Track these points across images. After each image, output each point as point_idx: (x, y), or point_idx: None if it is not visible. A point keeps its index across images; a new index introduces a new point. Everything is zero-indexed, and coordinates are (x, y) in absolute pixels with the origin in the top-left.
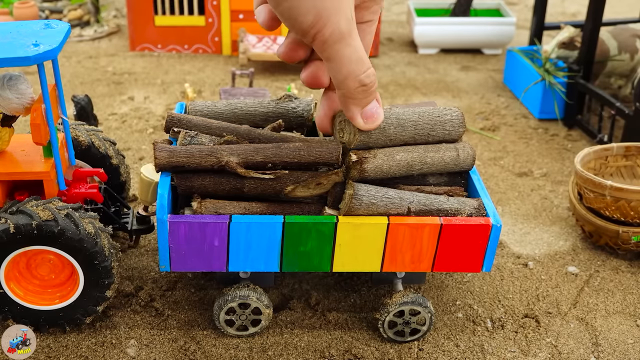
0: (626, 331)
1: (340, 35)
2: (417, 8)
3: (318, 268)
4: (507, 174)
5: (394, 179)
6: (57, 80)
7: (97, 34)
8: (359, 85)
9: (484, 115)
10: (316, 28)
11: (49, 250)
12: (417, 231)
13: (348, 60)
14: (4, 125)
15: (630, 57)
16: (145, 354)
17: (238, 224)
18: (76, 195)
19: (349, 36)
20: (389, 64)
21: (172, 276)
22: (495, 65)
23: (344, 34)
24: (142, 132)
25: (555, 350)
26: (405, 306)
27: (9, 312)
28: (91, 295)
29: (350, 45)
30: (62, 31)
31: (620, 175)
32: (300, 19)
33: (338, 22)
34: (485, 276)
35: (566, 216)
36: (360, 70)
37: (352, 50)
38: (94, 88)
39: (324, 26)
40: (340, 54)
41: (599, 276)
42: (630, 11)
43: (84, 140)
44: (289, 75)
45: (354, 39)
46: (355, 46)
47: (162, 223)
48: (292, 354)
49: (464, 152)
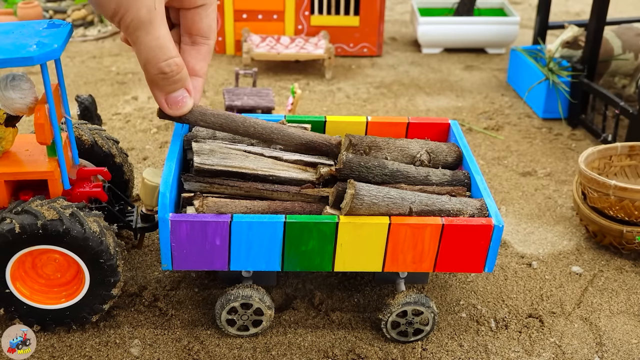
0: (630, 331)
1: (139, 23)
2: (420, 7)
3: (319, 268)
4: (510, 173)
5: (396, 179)
6: (60, 80)
7: (101, 33)
8: (159, 72)
9: (487, 115)
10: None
11: (55, 249)
12: (419, 231)
13: (146, 47)
14: (8, 126)
15: (635, 56)
16: (149, 354)
17: (239, 224)
18: (80, 194)
19: (149, 24)
20: (393, 64)
21: (176, 276)
22: (499, 65)
23: (144, 21)
24: (146, 132)
25: (559, 350)
26: (408, 306)
27: (15, 312)
28: (97, 294)
29: (150, 33)
30: (64, 31)
31: (625, 175)
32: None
33: (138, 10)
34: (489, 276)
35: (570, 216)
36: (160, 58)
37: (151, 38)
38: (98, 88)
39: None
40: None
41: (603, 276)
42: (634, 10)
43: (87, 139)
44: (292, 75)
45: (156, 28)
46: (156, 35)
47: (163, 222)
48: (296, 353)
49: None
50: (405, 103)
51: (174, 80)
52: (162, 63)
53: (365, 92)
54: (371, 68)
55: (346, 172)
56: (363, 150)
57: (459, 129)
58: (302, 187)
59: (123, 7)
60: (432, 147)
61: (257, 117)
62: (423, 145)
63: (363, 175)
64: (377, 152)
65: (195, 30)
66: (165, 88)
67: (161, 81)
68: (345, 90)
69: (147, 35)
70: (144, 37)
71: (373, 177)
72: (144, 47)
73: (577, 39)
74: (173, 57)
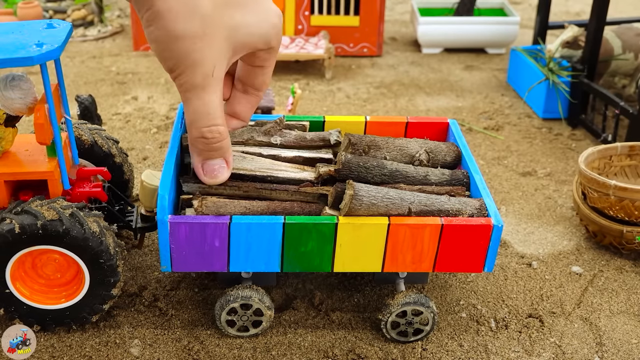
0: (630, 331)
1: (192, 86)
2: (420, 7)
3: (319, 268)
4: (510, 173)
5: (395, 179)
6: (59, 80)
7: (101, 34)
8: (200, 136)
9: (487, 115)
10: (174, 74)
11: (55, 249)
12: (418, 232)
13: (194, 110)
14: (8, 126)
15: (635, 56)
16: (149, 354)
17: (238, 225)
18: (80, 194)
19: (202, 90)
20: (393, 64)
21: (176, 276)
22: (499, 65)
23: (196, 86)
24: (146, 132)
25: (559, 350)
26: (408, 306)
27: (16, 312)
28: (97, 294)
29: (201, 98)
30: (64, 31)
31: (625, 175)
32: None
33: (193, 74)
34: (489, 276)
35: (570, 216)
36: (204, 123)
37: (201, 103)
38: (98, 88)
39: (180, 74)
40: (189, 101)
41: (603, 276)
42: (634, 10)
43: (87, 139)
44: (292, 75)
45: (208, 94)
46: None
47: (162, 224)
48: (296, 353)
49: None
50: (405, 103)
51: (214, 148)
52: (205, 128)
53: (365, 92)
54: (371, 68)
55: (345, 172)
56: (362, 150)
57: (458, 129)
58: (300, 185)
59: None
60: (431, 147)
61: (256, 118)
62: (422, 144)
63: (362, 176)
64: (376, 152)
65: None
66: (204, 153)
67: (200, 145)
68: (345, 90)
69: (197, 99)
70: (193, 100)
71: (372, 177)
72: (192, 109)
73: (577, 39)
74: (218, 125)
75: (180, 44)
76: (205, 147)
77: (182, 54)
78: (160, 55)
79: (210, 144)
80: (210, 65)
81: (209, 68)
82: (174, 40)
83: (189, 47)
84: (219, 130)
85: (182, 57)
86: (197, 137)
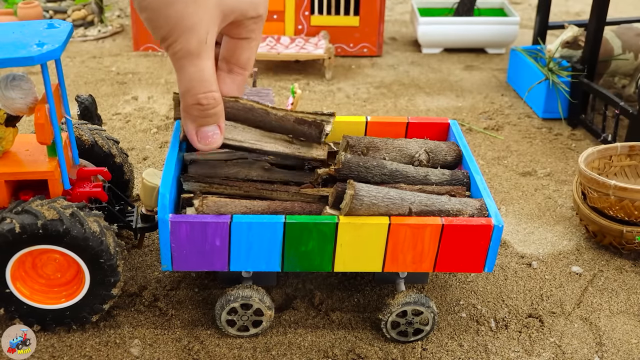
0: (630, 331)
1: (187, 53)
2: (420, 7)
3: (319, 268)
4: (510, 173)
5: (395, 179)
6: (60, 80)
7: (101, 34)
8: (196, 102)
9: (487, 115)
10: (168, 42)
11: (55, 249)
12: (419, 231)
13: (189, 77)
14: (8, 126)
15: (634, 56)
16: (149, 354)
17: (239, 224)
18: (81, 194)
19: (197, 56)
20: (393, 64)
21: (176, 276)
22: (498, 65)
23: (192, 52)
24: (146, 132)
25: (559, 350)
26: (408, 306)
27: (16, 312)
28: (97, 294)
29: (195, 65)
30: (64, 31)
31: (624, 175)
32: (156, 30)
33: (188, 41)
34: (489, 276)
35: (570, 216)
36: (199, 89)
37: (196, 69)
38: (98, 88)
39: (174, 41)
40: (184, 69)
41: (602, 276)
42: (634, 10)
43: (87, 139)
44: (292, 75)
45: (203, 60)
46: (201, 67)
47: (163, 223)
48: (296, 353)
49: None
50: (405, 103)
51: (209, 114)
52: (201, 95)
53: (365, 92)
54: (371, 68)
55: (345, 172)
56: (361, 152)
57: (458, 129)
58: (301, 186)
59: (174, 35)
60: (431, 147)
61: None
62: (422, 145)
63: (362, 176)
64: (375, 153)
65: (234, 59)
66: (198, 120)
67: (196, 112)
68: (345, 90)
69: (191, 66)
70: (188, 67)
71: (372, 177)
72: (186, 77)
73: (577, 39)
74: (212, 92)
75: (173, 8)
76: (201, 114)
77: (176, 18)
78: (152, 23)
79: (206, 110)
80: (204, 30)
81: (203, 34)
82: (167, 4)
83: (183, 11)
84: (214, 97)
85: (177, 22)
86: (192, 104)
